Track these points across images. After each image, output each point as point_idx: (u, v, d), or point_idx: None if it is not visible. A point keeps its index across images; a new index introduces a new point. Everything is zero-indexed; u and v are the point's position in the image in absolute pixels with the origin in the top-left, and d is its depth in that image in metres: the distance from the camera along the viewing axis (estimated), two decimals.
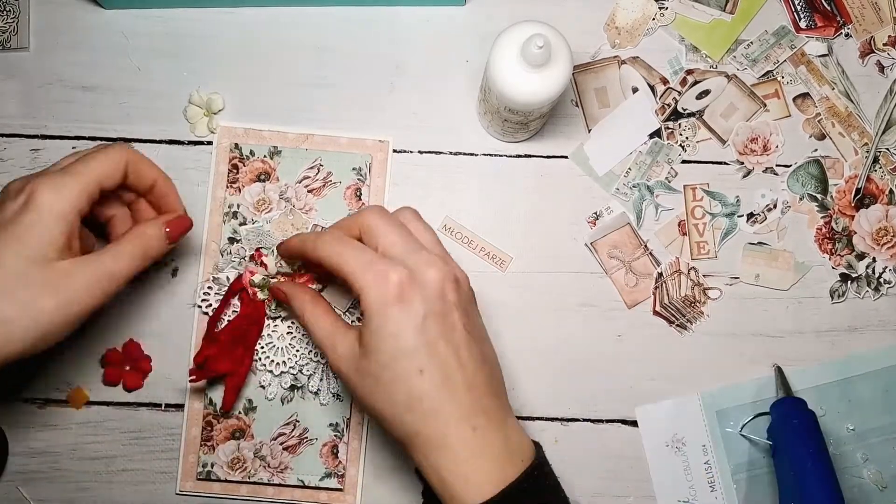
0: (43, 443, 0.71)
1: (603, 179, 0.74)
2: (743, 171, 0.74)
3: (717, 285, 0.74)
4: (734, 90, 0.75)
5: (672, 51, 0.75)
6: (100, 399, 0.72)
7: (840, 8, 0.76)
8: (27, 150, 0.73)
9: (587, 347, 0.73)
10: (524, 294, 0.73)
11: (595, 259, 0.74)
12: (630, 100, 0.75)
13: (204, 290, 0.71)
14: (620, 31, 0.75)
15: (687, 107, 0.75)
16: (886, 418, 0.73)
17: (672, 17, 0.75)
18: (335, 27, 0.75)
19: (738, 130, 0.75)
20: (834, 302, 0.74)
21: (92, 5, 0.74)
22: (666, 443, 0.72)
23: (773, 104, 0.75)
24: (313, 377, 0.71)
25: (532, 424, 0.72)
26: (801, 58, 0.75)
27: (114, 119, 0.73)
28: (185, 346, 0.72)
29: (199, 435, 0.71)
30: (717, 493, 0.72)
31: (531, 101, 0.63)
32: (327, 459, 0.71)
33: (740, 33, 0.75)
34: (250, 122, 0.74)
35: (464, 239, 0.74)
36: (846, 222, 0.75)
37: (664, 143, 0.75)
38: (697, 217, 0.74)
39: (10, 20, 0.74)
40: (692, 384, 0.73)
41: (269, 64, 0.74)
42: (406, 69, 0.75)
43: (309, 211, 0.73)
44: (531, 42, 0.60)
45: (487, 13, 0.75)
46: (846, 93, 0.75)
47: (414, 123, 0.74)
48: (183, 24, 0.74)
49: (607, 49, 0.75)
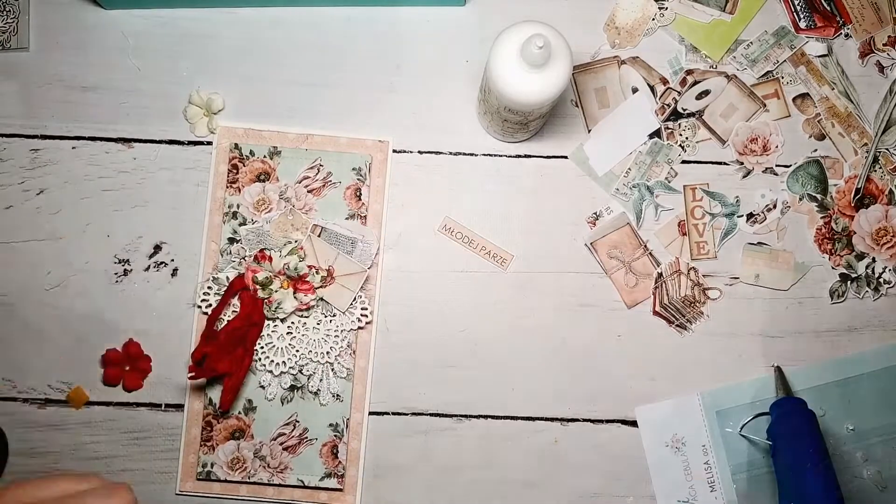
0: (43, 443, 0.71)
1: (602, 179, 0.74)
2: (743, 172, 0.74)
3: (717, 285, 0.74)
4: (734, 90, 0.75)
5: (672, 51, 0.75)
6: (100, 399, 0.72)
7: (840, 8, 0.76)
8: (27, 150, 0.73)
9: (587, 347, 0.73)
10: (524, 294, 0.73)
11: (595, 259, 0.74)
12: (630, 100, 0.75)
13: (204, 290, 0.71)
14: (620, 31, 0.75)
15: (687, 107, 0.75)
16: (886, 418, 0.73)
17: (672, 18, 0.75)
18: (335, 27, 0.75)
19: (737, 131, 0.75)
20: (834, 302, 0.74)
21: (92, 5, 0.74)
22: (666, 443, 0.73)
23: (772, 104, 0.75)
24: (313, 377, 0.71)
25: (532, 424, 0.72)
26: (800, 58, 0.75)
27: (114, 119, 0.73)
28: (184, 346, 0.72)
29: (199, 435, 0.71)
30: (717, 494, 0.72)
31: (531, 101, 0.63)
32: (327, 459, 0.71)
33: (740, 33, 0.75)
34: (250, 122, 0.74)
35: (464, 239, 0.74)
36: (846, 222, 0.75)
37: (664, 144, 0.75)
38: (697, 217, 0.74)
39: (10, 20, 0.74)
40: (692, 384, 0.73)
41: (269, 64, 0.74)
42: (406, 69, 0.75)
43: (309, 211, 0.73)
44: (531, 42, 0.60)
45: (487, 13, 0.75)
46: (846, 93, 0.75)
47: (414, 123, 0.74)
48: (183, 24, 0.74)
49: (607, 49, 0.75)
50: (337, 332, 0.71)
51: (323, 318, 0.71)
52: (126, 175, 0.73)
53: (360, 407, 0.72)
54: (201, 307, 0.71)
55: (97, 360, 0.71)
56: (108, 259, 0.72)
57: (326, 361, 0.71)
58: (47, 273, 0.72)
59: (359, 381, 0.72)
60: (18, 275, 0.72)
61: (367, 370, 0.72)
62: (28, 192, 0.73)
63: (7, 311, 0.72)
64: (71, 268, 0.72)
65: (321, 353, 0.71)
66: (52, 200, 0.73)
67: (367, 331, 0.72)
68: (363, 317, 0.72)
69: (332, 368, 0.71)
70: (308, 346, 0.71)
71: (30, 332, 0.72)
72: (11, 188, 0.73)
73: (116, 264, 0.72)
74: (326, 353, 0.71)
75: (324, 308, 0.71)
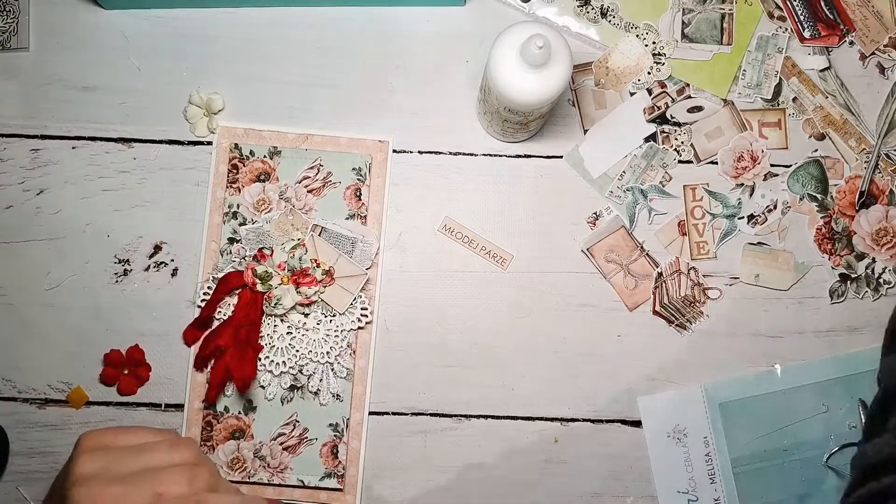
0: (43, 443, 0.71)
1: (597, 182, 0.74)
2: (747, 191, 0.74)
3: (717, 285, 0.74)
4: (726, 115, 0.75)
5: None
6: (100, 399, 0.71)
7: (842, 16, 0.76)
8: (27, 150, 0.73)
9: (587, 347, 0.73)
10: (524, 294, 0.73)
11: (593, 264, 0.74)
12: (627, 102, 0.75)
13: (204, 291, 0.71)
14: (609, 72, 0.74)
15: (675, 116, 0.75)
16: None
17: (668, 72, 0.74)
18: (335, 27, 0.75)
19: (722, 158, 0.74)
20: (833, 302, 0.74)
21: (92, 5, 0.74)
22: (667, 433, 0.72)
23: (772, 134, 0.74)
24: (313, 377, 0.71)
25: (532, 424, 0.72)
26: (791, 69, 0.75)
27: (114, 119, 0.73)
28: (185, 346, 0.71)
29: (199, 435, 0.71)
30: (717, 486, 0.72)
31: (531, 101, 0.63)
32: (327, 459, 0.71)
33: (741, 62, 0.75)
34: (250, 122, 0.74)
35: (464, 238, 0.73)
36: (846, 222, 0.75)
37: (659, 148, 0.74)
38: (697, 217, 0.74)
39: (10, 20, 0.74)
40: (692, 384, 0.73)
41: (269, 64, 0.74)
42: (406, 69, 0.75)
43: (309, 211, 0.73)
44: (531, 42, 0.60)
45: (487, 13, 0.75)
46: (846, 105, 0.75)
47: (414, 123, 0.74)
48: (183, 24, 0.74)
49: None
50: (337, 332, 0.71)
51: (323, 318, 0.71)
52: (126, 175, 0.73)
53: (360, 407, 0.72)
54: (201, 307, 0.71)
55: (97, 360, 0.71)
56: (108, 259, 0.72)
57: (326, 361, 0.71)
58: (47, 273, 0.72)
59: (359, 381, 0.72)
60: (18, 275, 0.72)
61: (367, 370, 0.72)
62: (28, 192, 0.73)
63: (7, 311, 0.72)
64: (71, 268, 0.72)
65: (321, 353, 0.71)
66: (52, 200, 0.73)
67: (367, 331, 0.72)
68: (363, 317, 0.72)
69: (332, 368, 0.71)
70: (308, 346, 0.71)
71: (30, 332, 0.72)
72: (11, 188, 0.73)
73: (116, 264, 0.72)
74: (326, 353, 0.71)
75: (324, 308, 0.71)
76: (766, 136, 0.75)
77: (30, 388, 0.71)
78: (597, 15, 0.74)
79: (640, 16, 0.75)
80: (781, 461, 0.72)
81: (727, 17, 0.75)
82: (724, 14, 0.75)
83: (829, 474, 0.72)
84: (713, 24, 0.75)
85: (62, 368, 0.71)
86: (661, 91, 0.75)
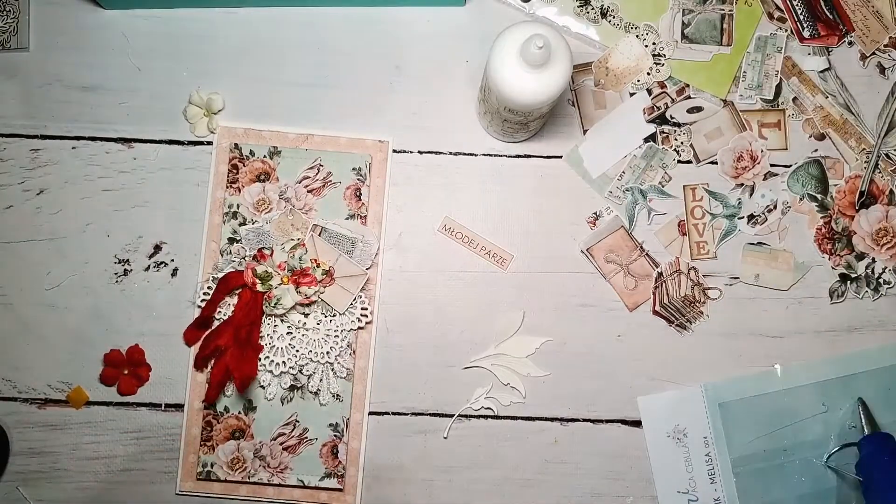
0: (43, 443, 0.71)
1: (597, 182, 0.74)
2: (748, 191, 0.74)
3: (717, 285, 0.74)
4: (726, 115, 0.75)
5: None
6: (100, 399, 0.72)
7: (842, 16, 0.76)
8: (27, 150, 0.73)
9: (587, 347, 0.73)
10: (524, 293, 0.73)
11: (593, 264, 0.74)
12: (627, 102, 0.75)
13: (204, 290, 0.71)
14: (609, 73, 0.74)
15: (675, 116, 0.75)
16: (888, 417, 0.73)
17: (668, 72, 0.74)
18: (335, 27, 0.75)
19: (722, 159, 0.74)
20: (833, 302, 0.74)
21: (92, 5, 0.74)
22: (667, 433, 0.73)
23: (772, 135, 0.74)
24: (313, 377, 0.71)
25: (532, 424, 0.72)
26: (791, 69, 0.75)
27: (114, 119, 0.73)
28: (185, 346, 0.72)
29: (199, 435, 0.71)
30: (717, 486, 0.72)
31: (531, 101, 0.63)
32: (327, 459, 0.71)
33: (741, 63, 0.75)
34: (250, 122, 0.74)
35: (464, 238, 0.74)
36: (846, 222, 0.75)
37: (659, 148, 0.74)
38: (697, 217, 0.74)
39: (10, 20, 0.74)
40: (692, 383, 0.73)
41: (269, 64, 0.74)
42: (406, 69, 0.75)
43: (309, 211, 0.73)
44: (531, 42, 0.60)
45: (487, 13, 0.75)
46: (846, 105, 0.75)
47: (414, 123, 0.74)
48: (183, 24, 0.74)
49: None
50: (337, 332, 0.71)
51: (323, 318, 0.71)
52: (126, 175, 0.73)
53: (359, 407, 0.72)
54: (201, 307, 0.71)
55: (97, 360, 0.72)
56: (108, 259, 0.72)
57: (326, 361, 0.71)
58: (47, 273, 0.72)
59: (359, 381, 0.72)
60: (18, 275, 0.72)
61: (367, 370, 0.72)
62: (28, 192, 0.73)
63: (7, 311, 0.72)
64: (71, 268, 0.72)
65: (321, 353, 0.71)
66: (52, 200, 0.73)
67: (367, 331, 0.72)
68: (363, 317, 0.72)
69: (332, 368, 0.71)
70: (308, 346, 0.71)
71: (30, 332, 0.72)
72: (11, 188, 0.73)
73: (116, 264, 0.72)
74: (326, 353, 0.71)
75: (324, 308, 0.71)
76: (765, 137, 0.75)
77: (30, 388, 0.71)
78: (597, 15, 0.74)
79: (640, 16, 0.75)
80: (781, 461, 0.72)
81: (727, 17, 0.75)
82: (723, 15, 0.75)
83: (829, 474, 0.72)
84: (713, 24, 0.75)
85: (62, 368, 0.72)
86: (660, 91, 0.75)
